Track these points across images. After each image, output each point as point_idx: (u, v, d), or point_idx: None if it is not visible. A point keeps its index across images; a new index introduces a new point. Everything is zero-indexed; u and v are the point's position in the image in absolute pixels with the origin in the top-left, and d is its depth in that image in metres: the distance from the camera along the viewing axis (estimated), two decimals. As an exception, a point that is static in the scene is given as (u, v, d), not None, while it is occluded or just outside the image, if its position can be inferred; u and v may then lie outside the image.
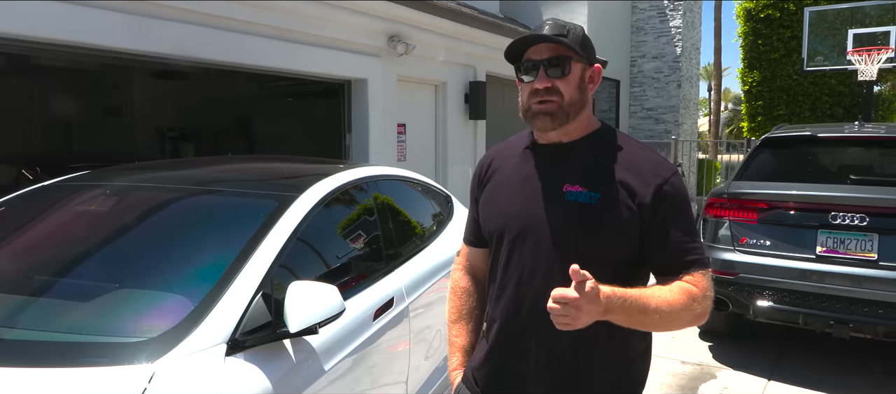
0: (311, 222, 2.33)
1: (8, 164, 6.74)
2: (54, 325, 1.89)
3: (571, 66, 1.46)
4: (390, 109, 6.59)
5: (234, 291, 1.86)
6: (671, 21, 12.46)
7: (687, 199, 1.50)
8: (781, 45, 9.85)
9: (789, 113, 9.89)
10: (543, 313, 1.45)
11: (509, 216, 1.52)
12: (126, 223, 2.36)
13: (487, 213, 1.59)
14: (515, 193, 1.53)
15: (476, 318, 1.72)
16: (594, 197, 1.44)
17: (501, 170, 1.59)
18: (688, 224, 1.47)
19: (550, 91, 1.44)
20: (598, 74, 1.53)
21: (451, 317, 1.73)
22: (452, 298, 1.74)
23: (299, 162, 3.18)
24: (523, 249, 1.49)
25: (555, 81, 1.45)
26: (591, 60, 1.51)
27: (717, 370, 4.43)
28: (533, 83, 1.45)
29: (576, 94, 1.47)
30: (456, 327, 1.72)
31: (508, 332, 1.53)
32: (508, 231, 1.51)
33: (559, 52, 1.45)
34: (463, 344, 1.70)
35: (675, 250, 1.45)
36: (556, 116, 1.46)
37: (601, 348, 1.48)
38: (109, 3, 4.11)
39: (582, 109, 1.50)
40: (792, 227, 4.20)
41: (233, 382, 1.69)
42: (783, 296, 4.17)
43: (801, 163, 4.71)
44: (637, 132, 12.84)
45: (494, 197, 1.58)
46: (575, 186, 1.46)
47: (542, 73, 1.44)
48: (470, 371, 1.64)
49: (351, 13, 5.82)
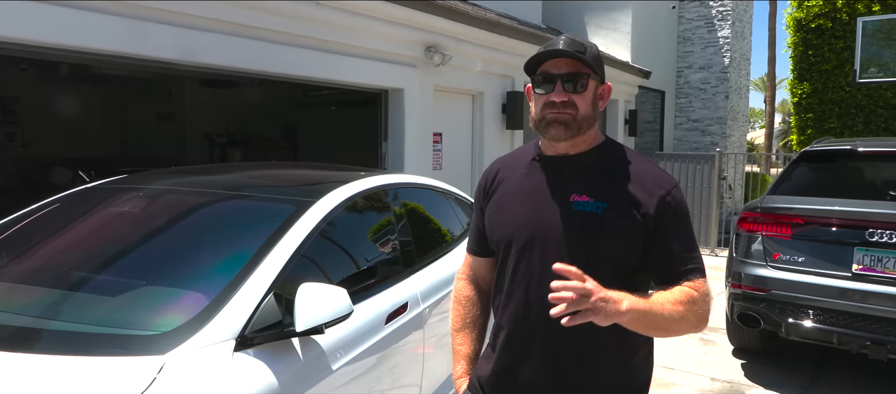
0: (327, 227, 2.43)
1: (66, 166, 7.16)
2: (84, 317, 2.04)
3: (587, 83, 1.52)
4: (426, 119, 6.69)
5: (245, 291, 1.96)
6: (719, 31, 12.20)
7: (687, 211, 1.56)
8: (833, 56, 9.52)
9: (841, 126, 9.54)
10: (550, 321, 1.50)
11: (517, 226, 1.57)
12: (155, 225, 2.51)
13: (494, 223, 1.64)
14: (523, 204, 1.58)
15: (480, 326, 1.77)
16: (601, 207, 1.49)
17: (508, 181, 1.64)
18: (688, 235, 1.54)
19: (567, 105, 1.50)
20: (608, 92, 1.60)
21: (454, 325, 1.78)
22: (456, 306, 1.79)
23: (324, 169, 3.29)
24: (531, 257, 1.54)
25: (571, 96, 1.50)
26: (603, 79, 1.57)
27: (747, 389, 4.33)
28: (549, 96, 1.51)
29: (589, 110, 1.53)
30: (460, 336, 1.76)
31: (515, 339, 1.57)
32: (516, 240, 1.56)
33: (577, 68, 1.50)
34: (467, 352, 1.74)
35: (675, 259, 1.51)
36: (570, 127, 1.51)
37: (607, 354, 1.53)
38: (160, 17, 4.35)
39: (593, 124, 1.56)
40: (827, 243, 4.08)
41: (239, 376, 1.79)
42: (817, 314, 4.06)
43: (839, 178, 4.57)
44: (682, 144, 12.60)
45: (501, 207, 1.63)
46: (582, 196, 1.51)
47: (559, 87, 1.50)
48: (476, 378, 1.68)
49: (388, 24, 5.95)
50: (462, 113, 7.53)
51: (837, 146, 4.70)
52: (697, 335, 5.51)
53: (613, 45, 11.00)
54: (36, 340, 1.88)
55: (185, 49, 4.53)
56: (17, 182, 8.20)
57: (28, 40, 3.80)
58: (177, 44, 4.48)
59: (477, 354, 1.75)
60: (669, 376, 4.50)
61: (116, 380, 1.63)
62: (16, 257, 2.46)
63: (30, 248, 2.53)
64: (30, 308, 2.11)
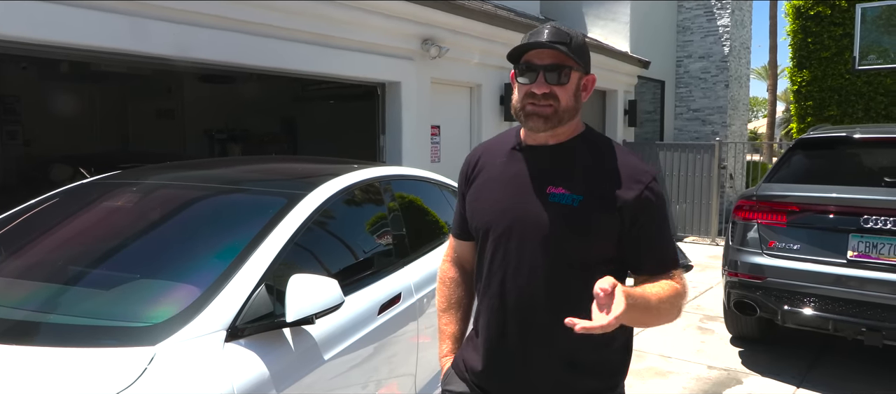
0: (319, 219, 2.45)
1: (66, 163, 7.20)
2: (79, 310, 2.07)
3: (570, 75, 1.51)
4: (424, 112, 6.70)
5: (236, 283, 1.99)
6: (719, 20, 12.16)
7: (665, 202, 1.57)
8: (833, 44, 9.48)
9: (841, 113, 9.51)
10: (525, 308, 1.54)
11: (495, 214, 1.58)
12: (149, 219, 2.54)
13: (474, 209, 1.66)
14: (502, 192, 1.59)
15: (464, 306, 1.80)
16: (576, 199, 1.49)
17: (488, 167, 1.65)
18: (665, 227, 1.55)
19: (548, 96, 1.49)
20: (591, 83, 1.59)
21: (440, 306, 1.82)
22: (441, 287, 1.83)
23: (317, 162, 3.31)
24: (508, 246, 1.55)
25: (553, 87, 1.49)
26: (587, 70, 1.57)
27: (744, 376, 4.35)
28: (530, 86, 1.50)
29: (571, 102, 1.52)
30: (445, 316, 1.80)
31: (494, 324, 1.60)
32: (494, 229, 1.58)
33: (560, 59, 1.49)
34: (452, 332, 1.78)
35: (653, 252, 1.53)
36: (550, 120, 1.51)
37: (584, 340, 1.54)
38: (159, 14, 4.37)
39: (574, 116, 1.56)
40: (822, 230, 4.09)
41: (229, 366, 1.81)
42: (812, 301, 4.07)
43: (835, 165, 4.57)
44: (683, 134, 12.58)
45: (481, 194, 1.64)
46: (559, 188, 1.52)
47: (541, 78, 1.49)
48: (460, 358, 1.72)
49: (384, 17, 5.95)
50: (460, 105, 7.54)
51: (833, 133, 4.70)
52: (696, 323, 5.53)
53: (612, 36, 10.98)
54: (32, 333, 1.91)
55: (183, 45, 4.55)
56: (18, 179, 8.26)
57: (28, 38, 3.83)
58: (175, 40, 4.50)
59: (462, 333, 1.78)
60: (667, 365, 4.53)
61: (107, 371, 1.65)
62: (14, 253, 2.49)
63: (27, 243, 2.56)
64: (27, 302, 2.14)
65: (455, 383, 1.70)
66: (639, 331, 5.19)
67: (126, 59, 4.58)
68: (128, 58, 4.55)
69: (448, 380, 1.73)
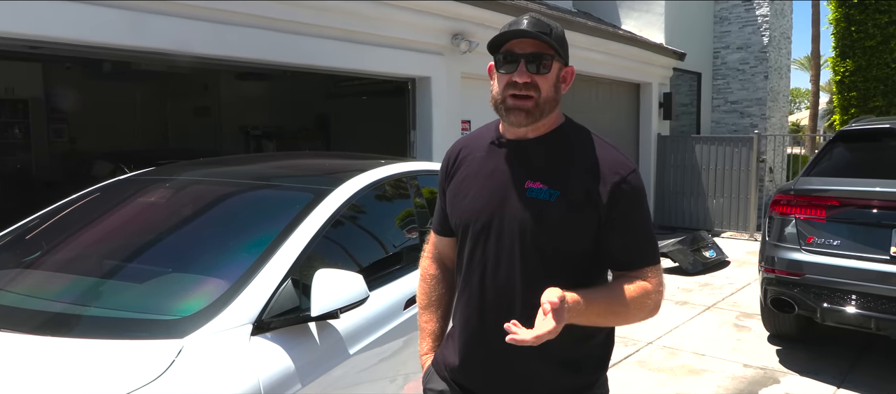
0: (345, 214, 2.47)
1: (107, 159, 7.42)
2: (112, 303, 2.13)
3: (551, 65, 1.49)
4: (454, 106, 6.69)
5: (262, 277, 2.02)
6: (758, 9, 11.82)
7: (644, 196, 1.53)
8: (878, 32, 9.15)
9: (887, 104, 9.18)
10: (506, 306, 1.52)
11: (474, 211, 1.57)
12: (181, 214, 2.60)
13: (454, 206, 1.64)
14: (481, 188, 1.57)
15: (445, 304, 1.78)
16: (553, 194, 1.47)
17: (468, 162, 1.63)
18: (643, 222, 1.52)
19: (529, 86, 1.47)
20: (570, 75, 1.56)
21: (420, 303, 1.80)
22: (422, 284, 1.80)
23: (344, 158, 3.33)
24: (487, 243, 1.54)
25: (534, 77, 1.47)
26: (566, 61, 1.55)
27: (781, 375, 4.24)
28: (511, 76, 1.47)
29: (551, 92, 1.50)
30: (426, 313, 1.78)
31: (473, 321, 1.58)
32: (473, 225, 1.56)
33: (541, 48, 1.47)
34: (433, 329, 1.76)
35: (630, 247, 1.50)
36: (532, 114, 1.49)
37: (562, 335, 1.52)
38: (194, 14, 4.47)
39: (554, 107, 1.53)
40: (864, 225, 3.96)
41: (255, 359, 1.85)
42: (854, 299, 3.94)
43: (878, 158, 4.41)
44: (720, 127, 12.30)
45: (461, 190, 1.62)
46: (536, 183, 1.50)
47: (522, 67, 1.46)
48: (440, 356, 1.70)
49: (414, 13, 5.96)
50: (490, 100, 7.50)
51: (876, 125, 4.54)
52: (732, 321, 5.41)
53: (647, 28, 10.78)
54: (68, 325, 1.97)
55: (216, 44, 4.65)
56: (64, 175, 8.56)
57: (75, 40, 3.98)
58: (209, 39, 4.59)
59: (443, 331, 1.76)
60: (701, 363, 4.44)
61: (137, 363, 1.70)
62: (53, 247, 2.58)
63: (66, 237, 2.65)
64: (64, 295, 2.21)
65: (435, 381, 1.68)
66: (672, 328, 5.11)
67: (164, 58, 4.72)
68: (165, 57, 4.68)
69: (429, 378, 1.71)
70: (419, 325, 1.80)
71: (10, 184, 8.50)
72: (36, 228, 2.68)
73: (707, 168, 9.83)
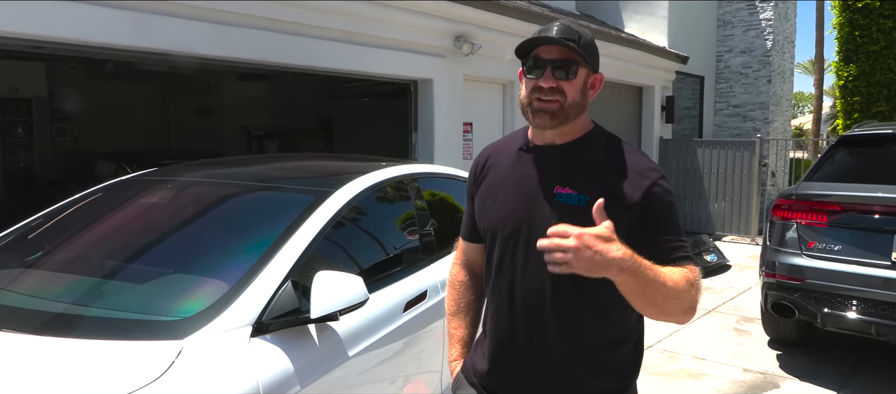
0: (346, 216, 2.48)
1: (110, 159, 7.44)
2: (113, 303, 2.14)
3: (577, 71, 1.51)
4: (456, 109, 6.70)
5: (262, 279, 2.02)
6: (761, 13, 11.81)
7: (673, 201, 1.54)
8: (882, 37, 9.13)
9: (890, 109, 9.16)
10: (533, 309, 1.53)
11: (503, 216, 1.58)
12: (182, 215, 2.61)
13: (482, 211, 1.65)
14: (509, 193, 1.58)
15: (474, 310, 1.79)
16: (583, 199, 1.48)
17: (496, 169, 1.65)
18: (675, 225, 1.52)
19: (555, 91, 1.49)
20: (599, 82, 1.57)
21: (449, 309, 1.81)
22: (451, 291, 1.81)
23: (345, 160, 3.34)
24: (516, 248, 1.55)
25: (560, 83, 1.49)
26: (595, 68, 1.56)
27: (781, 380, 4.24)
28: (537, 81, 1.50)
29: (578, 98, 1.52)
30: (455, 320, 1.79)
31: (501, 328, 1.59)
32: (502, 231, 1.57)
33: (567, 55, 1.49)
34: (462, 336, 1.77)
35: (663, 250, 1.48)
36: (557, 116, 1.50)
37: (591, 341, 1.54)
38: (196, 14, 4.49)
39: (581, 113, 1.55)
40: (865, 231, 3.96)
41: (255, 361, 1.85)
42: (854, 304, 3.94)
43: (880, 163, 4.41)
44: (723, 130, 12.28)
45: (489, 196, 1.64)
46: (566, 188, 1.51)
47: (548, 73, 1.49)
48: (470, 362, 1.71)
49: (416, 15, 5.97)
50: (492, 102, 7.51)
51: (879, 130, 4.54)
52: (732, 325, 5.41)
53: (650, 31, 10.78)
54: (69, 325, 1.97)
55: (218, 45, 4.66)
56: (66, 174, 8.59)
57: (77, 40, 4.00)
58: (211, 40, 4.60)
59: (471, 337, 1.77)
60: (701, 367, 4.44)
61: (137, 364, 1.71)
62: (55, 247, 2.59)
63: (68, 237, 2.66)
64: (65, 295, 2.22)
65: (465, 387, 1.69)
66: (672, 332, 5.10)
67: (165, 59, 4.74)
68: (167, 58, 4.70)
69: (458, 385, 1.72)
70: (448, 331, 1.80)
71: (14, 183, 8.53)
72: (38, 228, 2.69)
73: (709, 172, 9.82)
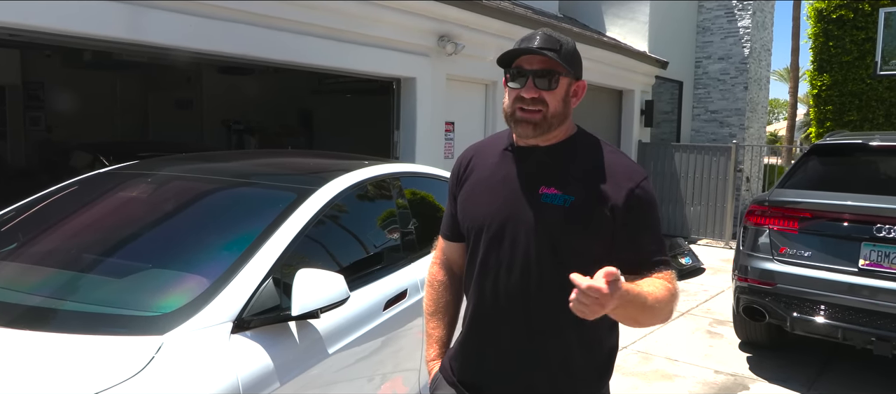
0: (328, 214, 2.49)
1: (85, 151, 7.32)
2: (91, 298, 2.12)
3: (559, 81, 1.52)
4: (438, 108, 6.72)
5: (244, 275, 2.03)
6: (740, 21, 12.02)
7: (656, 203, 1.57)
8: (854, 48, 9.34)
9: (861, 119, 9.38)
10: (516, 308, 1.56)
11: (487, 215, 1.59)
12: (162, 210, 2.59)
13: (465, 210, 1.67)
14: (494, 193, 1.60)
15: (452, 310, 1.81)
16: (568, 200, 1.51)
17: (480, 168, 1.67)
18: (656, 227, 1.56)
19: (537, 101, 1.51)
20: (582, 90, 1.59)
21: (427, 309, 1.82)
22: (429, 291, 1.82)
23: (328, 157, 3.35)
24: (501, 247, 1.56)
25: (542, 92, 1.51)
26: (578, 76, 1.58)
27: (751, 382, 4.34)
28: (520, 91, 1.52)
29: (560, 107, 1.54)
30: (433, 320, 1.80)
31: (483, 324, 1.62)
32: (486, 229, 1.59)
33: (549, 65, 1.51)
34: (440, 336, 1.79)
35: (644, 251, 1.53)
36: (539, 126, 1.53)
37: (573, 342, 1.57)
38: (176, 7, 4.44)
39: (564, 121, 1.57)
40: (834, 238, 4.06)
41: (235, 357, 1.86)
42: (822, 309, 4.05)
43: (850, 172, 4.53)
44: (700, 135, 12.47)
45: (473, 195, 1.65)
46: (551, 188, 1.53)
47: (530, 83, 1.51)
48: (448, 362, 1.73)
49: (400, 13, 5.97)
50: (475, 102, 7.55)
51: (849, 140, 4.66)
52: (705, 327, 5.51)
53: (631, 35, 10.91)
54: (45, 319, 1.96)
55: (199, 37, 4.61)
56: (40, 165, 8.43)
57: (55, 29, 3.94)
58: (192, 32, 4.56)
59: (449, 337, 1.79)
60: (673, 368, 4.52)
61: (116, 359, 1.70)
62: (32, 239, 2.56)
63: (45, 230, 2.63)
64: (42, 288, 2.20)
65: (444, 387, 1.70)
66: (646, 333, 5.19)
67: (144, 49, 4.68)
68: (145, 49, 4.64)
69: (436, 385, 1.73)
70: (426, 331, 1.81)
71: (-16, 172, 8.36)
72: (12, 221, 2.66)
73: (686, 176, 9.97)
